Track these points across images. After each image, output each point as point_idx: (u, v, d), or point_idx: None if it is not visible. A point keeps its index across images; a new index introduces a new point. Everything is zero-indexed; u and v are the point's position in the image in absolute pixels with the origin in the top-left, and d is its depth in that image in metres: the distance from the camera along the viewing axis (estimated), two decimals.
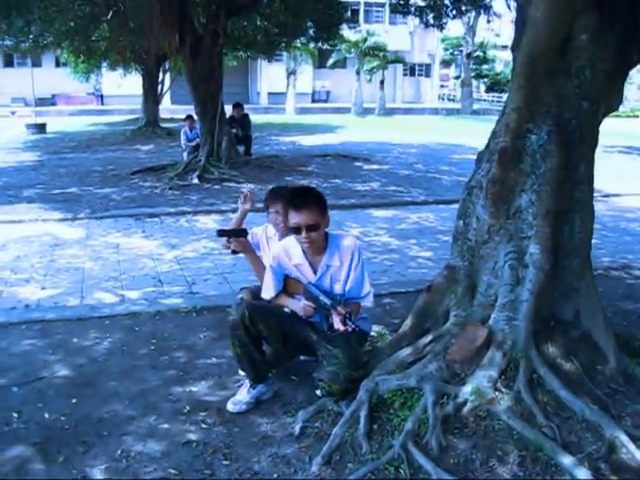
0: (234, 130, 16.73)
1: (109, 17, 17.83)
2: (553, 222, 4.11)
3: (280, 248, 4.41)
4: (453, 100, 52.99)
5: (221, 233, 4.87)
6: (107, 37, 21.58)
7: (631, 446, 3.55)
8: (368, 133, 26.52)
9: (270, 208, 4.78)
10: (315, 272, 4.30)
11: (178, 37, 13.33)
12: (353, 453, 3.64)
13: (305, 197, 4.20)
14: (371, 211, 11.40)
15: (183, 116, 18.00)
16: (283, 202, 4.54)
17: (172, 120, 29.61)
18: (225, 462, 3.68)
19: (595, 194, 13.97)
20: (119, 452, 3.78)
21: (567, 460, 3.45)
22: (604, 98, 4.34)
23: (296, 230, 4.13)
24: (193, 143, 16.44)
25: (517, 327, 4.08)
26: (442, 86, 57.17)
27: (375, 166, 16.79)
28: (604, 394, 4.01)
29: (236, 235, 4.80)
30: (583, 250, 4.33)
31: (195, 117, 16.19)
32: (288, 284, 4.44)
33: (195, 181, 13.76)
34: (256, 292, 4.70)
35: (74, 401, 4.37)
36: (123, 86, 33.75)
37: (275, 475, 3.55)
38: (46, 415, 4.19)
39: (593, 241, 9.27)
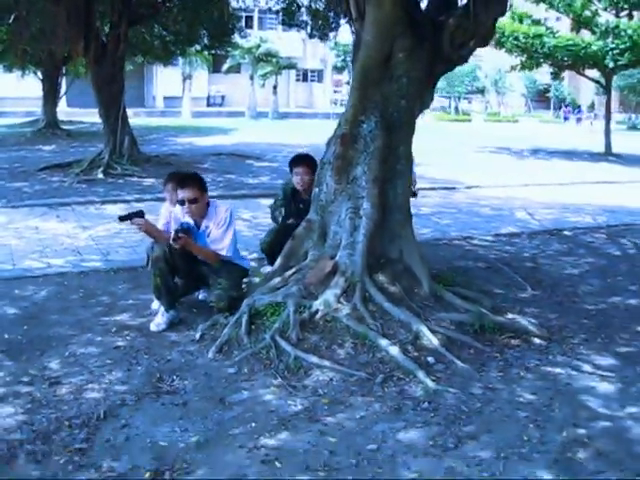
0: None
1: (10, 21, 18.55)
2: (380, 186, 5.76)
3: (178, 209, 5.96)
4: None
5: (122, 218, 5.85)
6: (4, 40, 22.12)
7: (430, 335, 5.19)
8: (260, 135, 28.04)
9: (165, 187, 6.42)
10: (199, 229, 5.90)
11: (83, 43, 14.53)
12: (237, 345, 5.17)
13: (187, 179, 5.88)
14: (260, 200, 12.84)
15: (81, 119, 17.85)
16: (172, 184, 6.14)
17: (71, 122, 30.40)
18: (146, 356, 5.14)
19: (458, 186, 16.09)
20: (67, 354, 5.18)
21: (384, 342, 5.06)
22: (418, 98, 6.05)
23: (182, 203, 5.76)
24: None
25: (355, 261, 5.67)
26: (335, 91, 59.16)
27: (265, 164, 18.37)
28: (418, 307, 5.64)
29: (136, 216, 5.79)
30: (404, 207, 6.00)
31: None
32: None
33: (100, 176, 14.91)
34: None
35: (25, 327, 5.70)
36: (20, 88, 34.07)
37: (182, 360, 5.06)
38: (6, 335, 5.52)
39: (446, 221, 11.10)
